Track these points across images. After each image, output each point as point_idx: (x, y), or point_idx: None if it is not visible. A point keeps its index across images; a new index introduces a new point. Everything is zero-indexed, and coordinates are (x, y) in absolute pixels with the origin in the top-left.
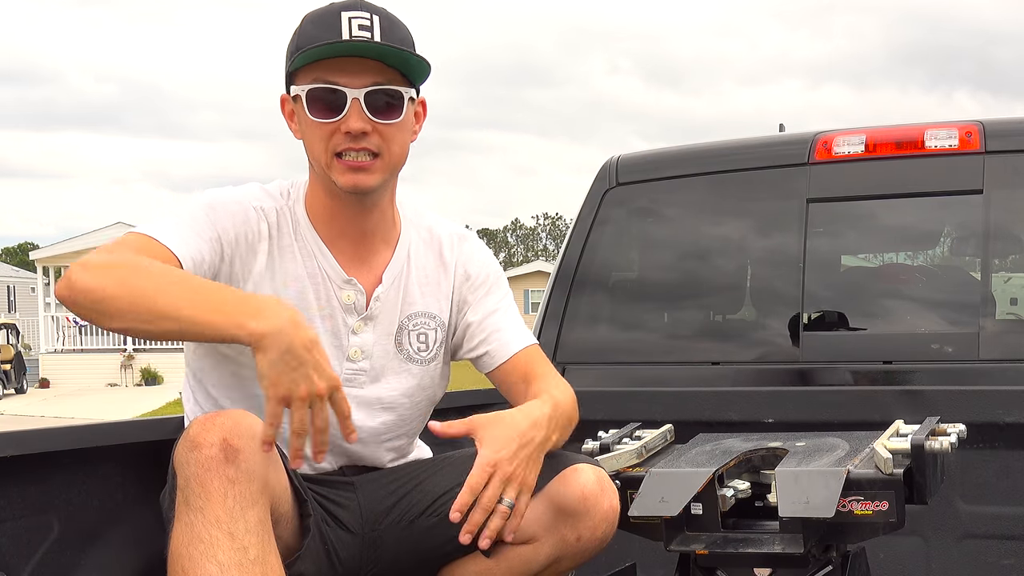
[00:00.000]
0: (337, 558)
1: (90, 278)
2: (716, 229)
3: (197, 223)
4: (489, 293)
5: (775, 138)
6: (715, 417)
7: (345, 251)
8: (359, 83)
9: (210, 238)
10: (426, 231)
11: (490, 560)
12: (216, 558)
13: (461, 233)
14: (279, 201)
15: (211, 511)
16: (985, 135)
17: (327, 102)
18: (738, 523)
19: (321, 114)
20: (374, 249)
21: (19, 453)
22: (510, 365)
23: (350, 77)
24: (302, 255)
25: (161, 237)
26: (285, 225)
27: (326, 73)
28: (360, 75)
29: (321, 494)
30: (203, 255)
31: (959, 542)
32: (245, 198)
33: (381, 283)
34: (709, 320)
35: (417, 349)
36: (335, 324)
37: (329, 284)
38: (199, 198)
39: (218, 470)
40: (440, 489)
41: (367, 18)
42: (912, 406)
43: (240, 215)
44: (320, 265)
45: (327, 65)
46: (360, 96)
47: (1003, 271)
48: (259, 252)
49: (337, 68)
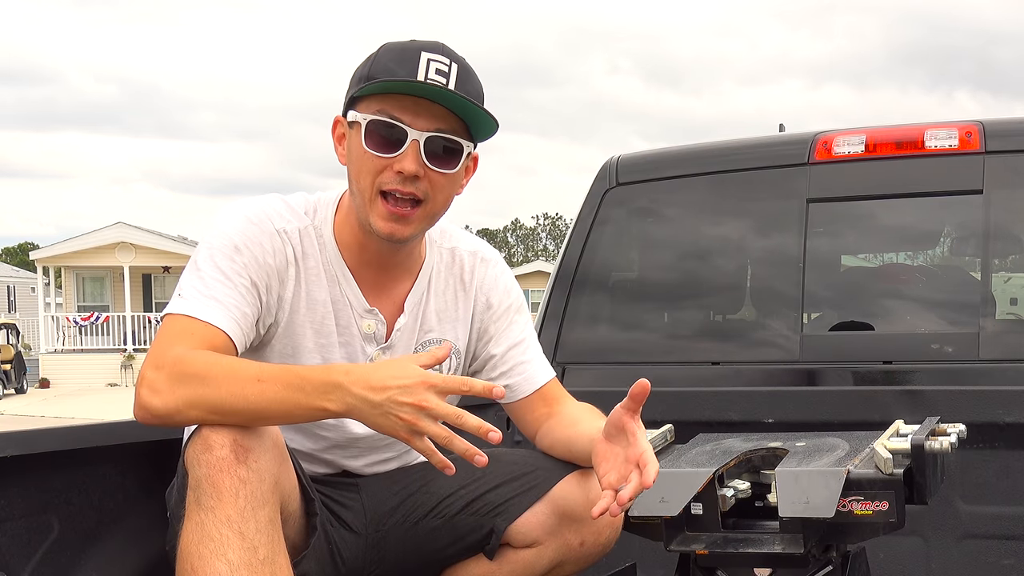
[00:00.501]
0: (341, 559)
1: (161, 403)
2: (716, 229)
3: (229, 277)
4: (512, 324)
5: (775, 138)
6: (715, 417)
7: (367, 279)
8: (423, 126)
9: (244, 287)
10: (448, 253)
11: (493, 563)
12: (226, 557)
13: (484, 256)
14: (303, 220)
15: (222, 511)
16: (985, 135)
17: (386, 137)
18: (738, 523)
19: (378, 148)
20: (397, 278)
21: (19, 453)
22: (535, 397)
23: (415, 118)
24: (327, 279)
25: (201, 314)
26: (310, 247)
27: (392, 108)
28: (425, 118)
29: (326, 495)
30: (244, 311)
31: (959, 542)
32: (267, 222)
33: (403, 313)
34: (709, 320)
35: None
36: (352, 351)
37: (351, 312)
38: (222, 237)
39: (230, 470)
40: (445, 491)
41: (446, 64)
42: (912, 406)
43: (267, 247)
44: (344, 291)
45: (395, 101)
46: (421, 139)
47: (1003, 271)
48: (288, 280)
49: (404, 106)
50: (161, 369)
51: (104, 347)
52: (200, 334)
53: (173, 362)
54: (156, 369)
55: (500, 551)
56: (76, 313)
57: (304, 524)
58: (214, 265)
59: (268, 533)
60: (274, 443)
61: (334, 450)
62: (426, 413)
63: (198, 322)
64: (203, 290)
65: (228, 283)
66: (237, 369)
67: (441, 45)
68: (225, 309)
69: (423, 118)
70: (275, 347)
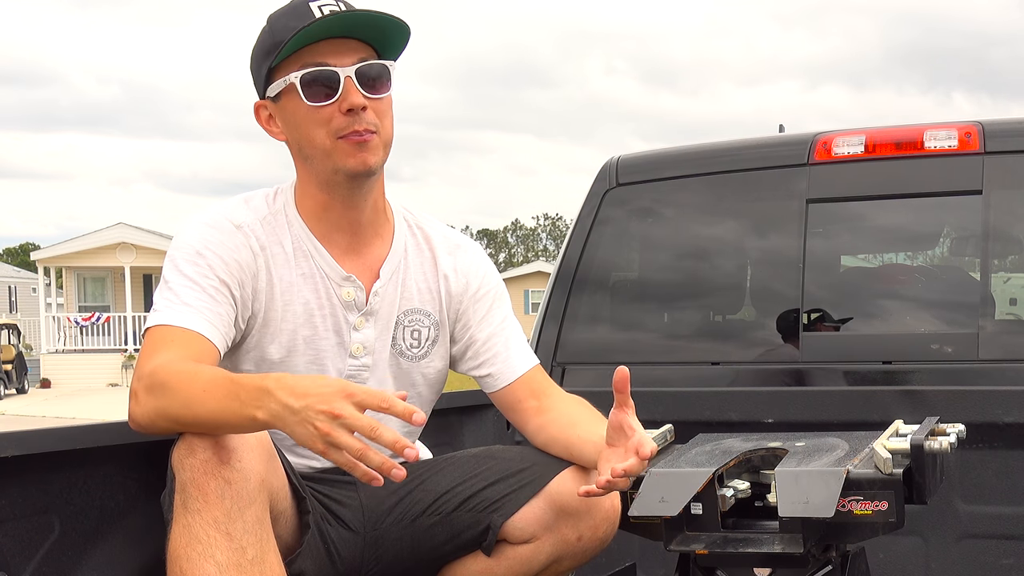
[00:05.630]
0: (338, 556)
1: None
2: (716, 229)
3: (196, 281)
4: (492, 309)
5: (775, 139)
6: (715, 417)
7: (339, 245)
8: (347, 62)
9: (214, 288)
10: (420, 231)
11: (491, 559)
12: (214, 558)
13: (457, 240)
14: (263, 210)
15: (208, 512)
16: (984, 136)
17: (322, 83)
18: (738, 523)
19: (317, 98)
20: (367, 242)
21: (20, 453)
22: (517, 385)
23: (337, 58)
24: (296, 257)
25: (176, 321)
26: (276, 231)
27: (312, 57)
28: (345, 54)
29: (323, 493)
30: (218, 311)
31: (958, 542)
32: (224, 222)
33: (379, 278)
34: (709, 320)
35: (409, 345)
36: (336, 322)
37: (328, 283)
38: (183, 247)
39: (214, 472)
40: (442, 488)
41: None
42: (912, 406)
43: (229, 245)
44: (317, 264)
45: (311, 51)
46: (352, 73)
47: (1002, 271)
48: (259, 271)
49: (321, 51)
50: (140, 380)
51: (105, 347)
52: (179, 340)
53: (149, 373)
54: (137, 380)
55: (497, 547)
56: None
57: (296, 522)
58: (180, 274)
59: (256, 533)
60: (259, 442)
61: None
62: (340, 423)
63: (175, 329)
64: (174, 300)
65: (196, 287)
66: (192, 379)
67: None
68: (198, 312)
69: (343, 55)
70: (262, 338)
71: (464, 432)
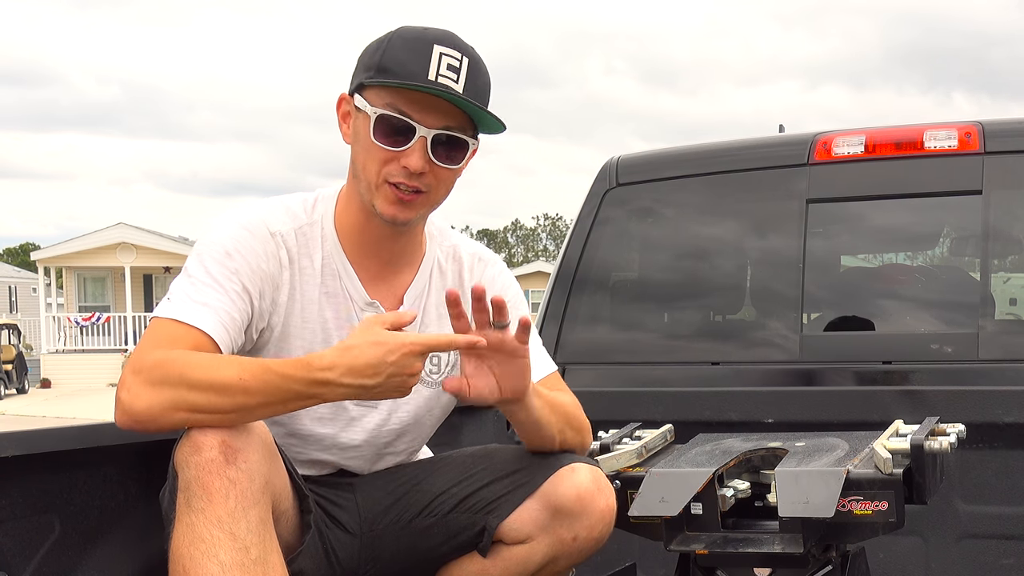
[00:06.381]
0: (336, 558)
1: (143, 406)
2: (716, 229)
3: (219, 281)
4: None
5: (775, 139)
6: (715, 417)
7: (369, 270)
8: (431, 123)
9: (235, 292)
10: (450, 249)
11: (487, 560)
12: (217, 558)
13: (484, 256)
14: (301, 219)
15: (212, 512)
16: (984, 136)
17: (394, 131)
18: (738, 523)
19: (385, 141)
20: (399, 270)
21: (21, 453)
22: None
23: (423, 115)
24: (324, 274)
25: (186, 318)
26: (308, 244)
27: (401, 103)
28: (434, 115)
29: (320, 495)
30: (232, 315)
31: (958, 542)
32: (261, 227)
33: (403, 305)
34: (709, 320)
35: (428, 371)
36: None
37: (351, 304)
38: (213, 243)
39: (219, 472)
40: (437, 489)
41: (457, 58)
42: (912, 406)
43: (260, 252)
44: (344, 285)
45: (405, 95)
46: (429, 136)
47: (1002, 271)
48: (282, 284)
49: (413, 101)
50: (140, 373)
51: (105, 347)
52: (184, 338)
53: (153, 365)
54: (136, 373)
55: (493, 548)
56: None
57: (298, 522)
58: (204, 270)
59: (259, 533)
60: (263, 442)
61: (333, 450)
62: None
63: (183, 325)
64: (192, 294)
65: (218, 287)
66: (219, 367)
67: (452, 36)
68: (213, 312)
69: (431, 115)
70: (270, 351)
71: (464, 432)
